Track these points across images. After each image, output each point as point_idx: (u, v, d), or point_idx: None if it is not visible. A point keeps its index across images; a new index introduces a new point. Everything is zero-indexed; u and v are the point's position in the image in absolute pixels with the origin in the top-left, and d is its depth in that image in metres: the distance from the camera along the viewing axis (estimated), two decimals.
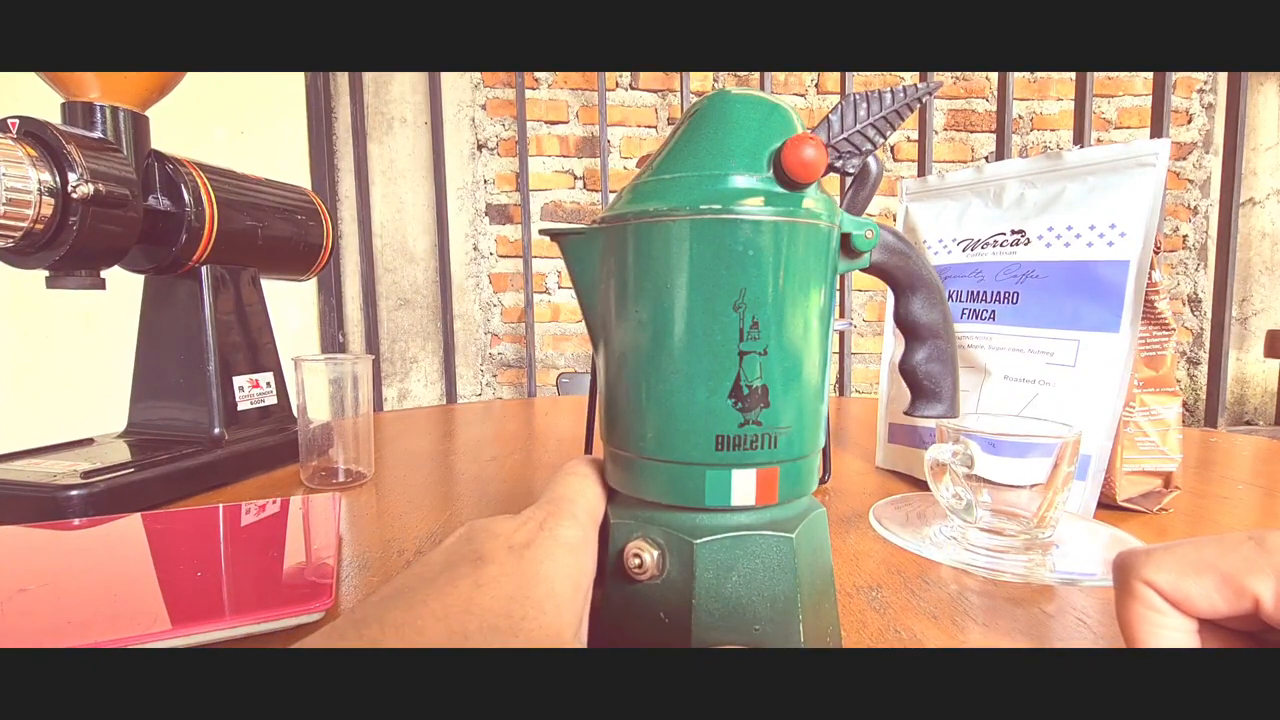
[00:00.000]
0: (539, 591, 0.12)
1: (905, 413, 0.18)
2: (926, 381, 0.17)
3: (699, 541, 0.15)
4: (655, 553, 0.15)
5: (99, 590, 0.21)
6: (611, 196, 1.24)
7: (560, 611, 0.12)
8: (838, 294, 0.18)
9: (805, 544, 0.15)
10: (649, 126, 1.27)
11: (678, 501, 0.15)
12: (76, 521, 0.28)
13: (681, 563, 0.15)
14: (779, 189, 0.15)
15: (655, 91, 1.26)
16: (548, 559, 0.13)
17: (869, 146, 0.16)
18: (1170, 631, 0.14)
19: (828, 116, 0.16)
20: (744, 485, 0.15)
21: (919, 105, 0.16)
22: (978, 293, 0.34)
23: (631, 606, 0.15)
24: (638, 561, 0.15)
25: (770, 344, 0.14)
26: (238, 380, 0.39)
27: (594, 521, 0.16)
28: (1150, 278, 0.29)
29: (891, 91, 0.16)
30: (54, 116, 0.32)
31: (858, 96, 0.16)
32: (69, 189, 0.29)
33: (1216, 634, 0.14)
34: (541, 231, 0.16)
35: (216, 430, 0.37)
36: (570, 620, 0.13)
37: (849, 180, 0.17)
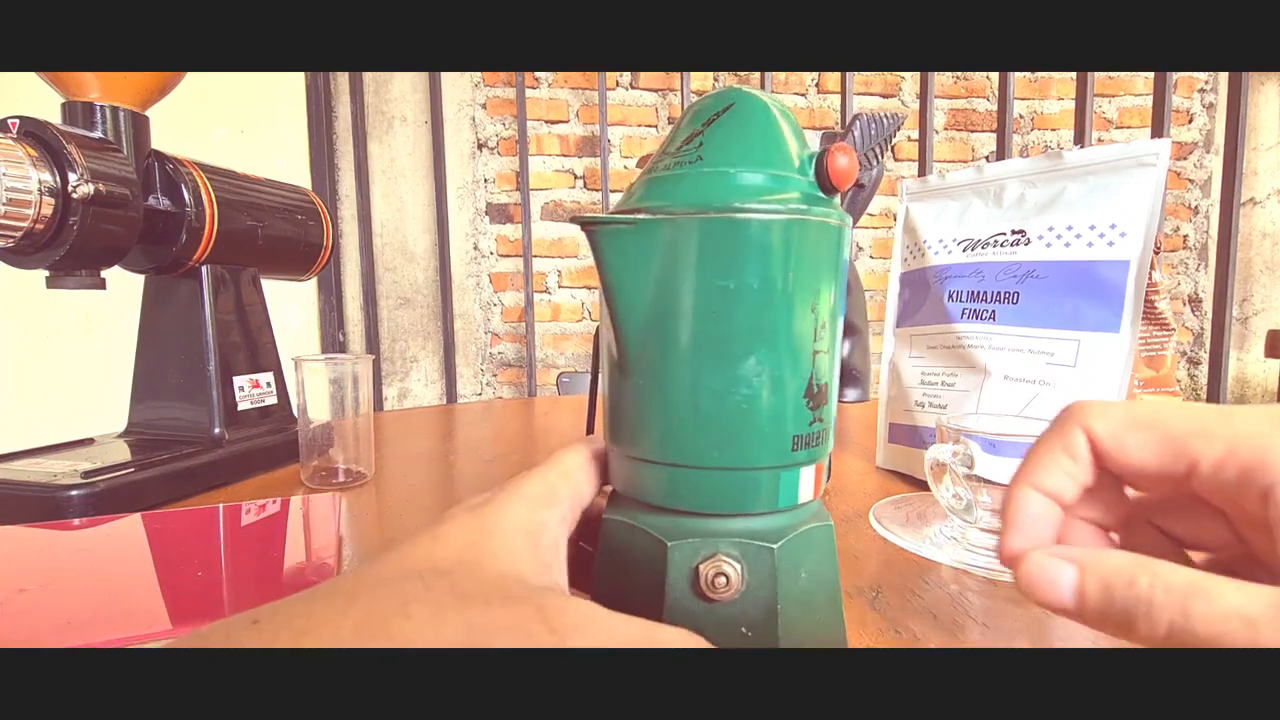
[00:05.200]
0: (494, 542, 0.13)
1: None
2: (853, 369, 0.18)
3: (778, 545, 0.14)
4: (738, 566, 0.14)
5: (99, 590, 0.21)
6: (614, 190, 1.24)
7: (515, 557, 0.13)
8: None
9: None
10: (649, 126, 1.27)
11: (746, 509, 0.15)
12: (77, 521, 0.28)
13: (763, 570, 0.14)
14: (820, 194, 0.15)
15: (655, 91, 1.26)
16: (502, 512, 0.14)
17: (877, 162, 0.17)
18: (1064, 479, 0.12)
19: (850, 132, 0.17)
20: (808, 482, 0.15)
21: (895, 134, 0.17)
22: (978, 293, 0.34)
23: (706, 629, 0.14)
24: (724, 580, 0.14)
25: (829, 343, 0.15)
26: (238, 380, 0.39)
27: (568, 481, 0.16)
28: (1150, 277, 0.29)
29: (887, 116, 0.17)
30: (54, 116, 0.32)
31: (869, 116, 0.17)
32: (69, 189, 0.29)
33: (1092, 532, 0.13)
34: (575, 219, 0.14)
35: (217, 430, 0.37)
36: (527, 564, 0.13)
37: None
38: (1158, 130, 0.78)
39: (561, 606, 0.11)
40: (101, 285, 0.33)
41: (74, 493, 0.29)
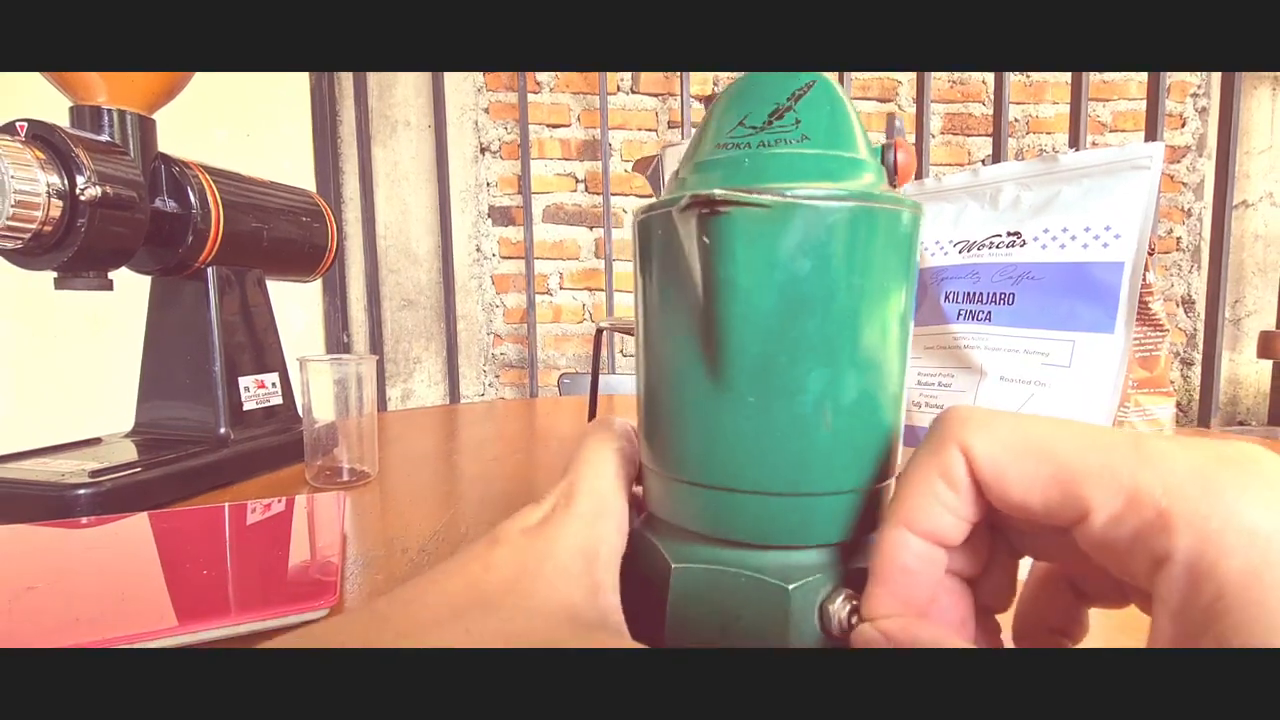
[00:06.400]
0: (546, 569, 0.12)
1: None
2: None
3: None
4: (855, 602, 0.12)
5: (106, 588, 0.21)
6: (616, 194, 1.24)
7: (569, 584, 0.12)
8: None
9: None
10: (649, 130, 1.28)
11: (850, 534, 0.13)
12: (84, 520, 0.28)
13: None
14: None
15: (655, 95, 1.27)
16: (559, 534, 0.13)
17: None
18: (945, 516, 0.10)
19: None
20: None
21: None
22: (974, 294, 0.34)
23: None
24: (857, 617, 0.12)
25: None
26: (243, 380, 0.39)
27: (615, 487, 0.14)
28: (1144, 279, 0.30)
29: None
30: (62, 120, 0.32)
31: None
32: (77, 191, 0.30)
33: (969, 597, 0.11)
34: (695, 200, 0.11)
35: (222, 430, 0.37)
36: (580, 592, 0.12)
37: None
38: (1151, 134, 0.79)
39: None
40: (109, 286, 0.33)
41: (81, 492, 0.29)
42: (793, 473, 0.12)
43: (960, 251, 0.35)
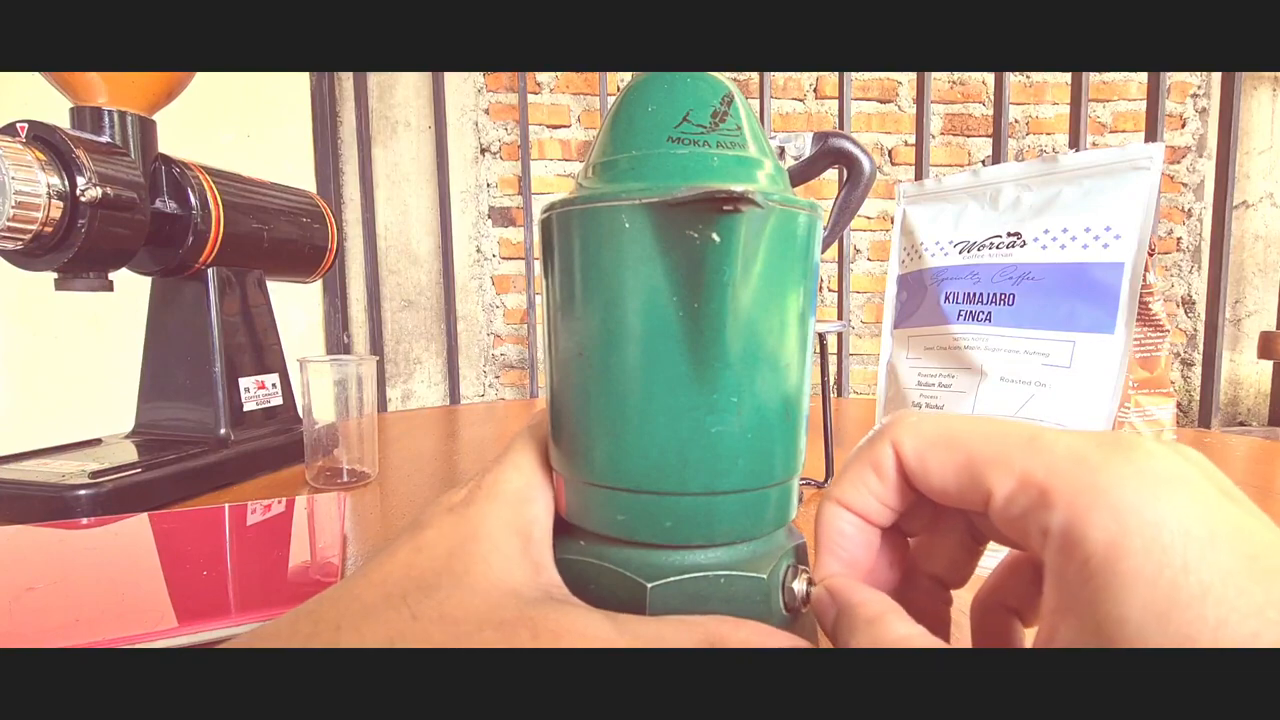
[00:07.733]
0: (481, 547, 0.12)
1: None
2: None
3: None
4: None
5: (106, 589, 0.21)
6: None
7: (507, 563, 0.12)
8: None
9: None
10: None
11: (775, 525, 0.14)
12: (84, 521, 0.28)
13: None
14: None
15: None
16: (488, 512, 0.13)
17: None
18: (869, 500, 0.12)
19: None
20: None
21: None
22: (974, 294, 0.34)
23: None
24: (811, 588, 0.13)
25: None
26: (243, 381, 0.39)
27: (540, 472, 0.14)
28: (1145, 279, 0.30)
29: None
30: (63, 121, 0.32)
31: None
32: (77, 193, 0.30)
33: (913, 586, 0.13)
34: (712, 195, 0.11)
35: (222, 431, 0.37)
36: (520, 571, 0.12)
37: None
38: (1151, 134, 0.79)
39: (557, 625, 0.11)
40: (109, 287, 0.33)
41: (82, 493, 0.29)
42: (768, 466, 0.13)
43: (960, 252, 0.35)
